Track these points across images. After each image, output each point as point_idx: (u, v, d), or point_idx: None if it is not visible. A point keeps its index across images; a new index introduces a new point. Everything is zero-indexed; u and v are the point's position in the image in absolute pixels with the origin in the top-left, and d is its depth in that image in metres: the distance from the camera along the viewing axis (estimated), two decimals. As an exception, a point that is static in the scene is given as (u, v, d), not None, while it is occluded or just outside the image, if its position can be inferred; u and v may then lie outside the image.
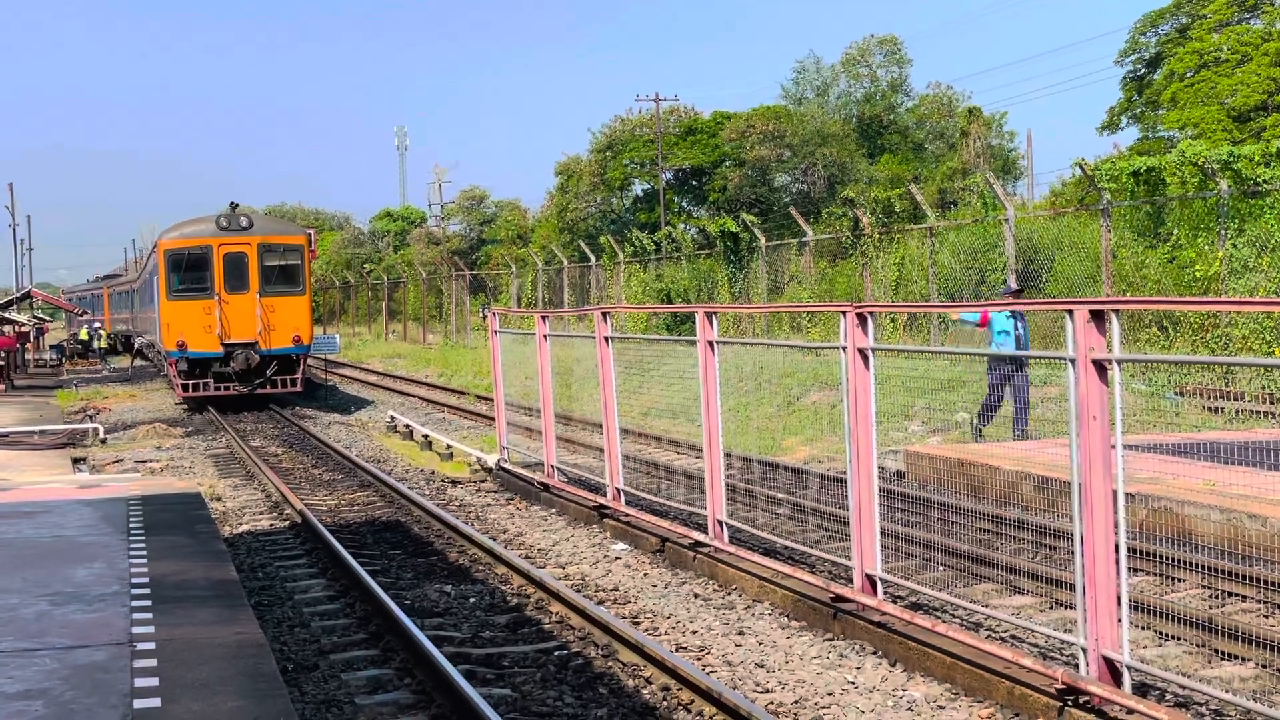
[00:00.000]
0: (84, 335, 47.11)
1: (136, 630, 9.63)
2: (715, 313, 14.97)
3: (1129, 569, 9.33)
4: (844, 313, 11.96)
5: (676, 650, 11.73)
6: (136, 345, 61.96)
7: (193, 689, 8.16)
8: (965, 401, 19.95)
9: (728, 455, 15.26)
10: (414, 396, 40.12)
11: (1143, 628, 11.14)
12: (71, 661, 8.85)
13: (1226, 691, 9.05)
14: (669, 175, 78.23)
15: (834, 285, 40.71)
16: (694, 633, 12.42)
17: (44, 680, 8.43)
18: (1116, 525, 9.16)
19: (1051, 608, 12.29)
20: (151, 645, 9.19)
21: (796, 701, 10.27)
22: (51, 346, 73.98)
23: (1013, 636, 11.43)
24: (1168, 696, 9.64)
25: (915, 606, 12.03)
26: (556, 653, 11.84)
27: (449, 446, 26.06)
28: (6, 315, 55.22)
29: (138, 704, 7.89)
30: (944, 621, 11.23)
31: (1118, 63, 69.61)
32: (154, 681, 8.33)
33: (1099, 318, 9.16)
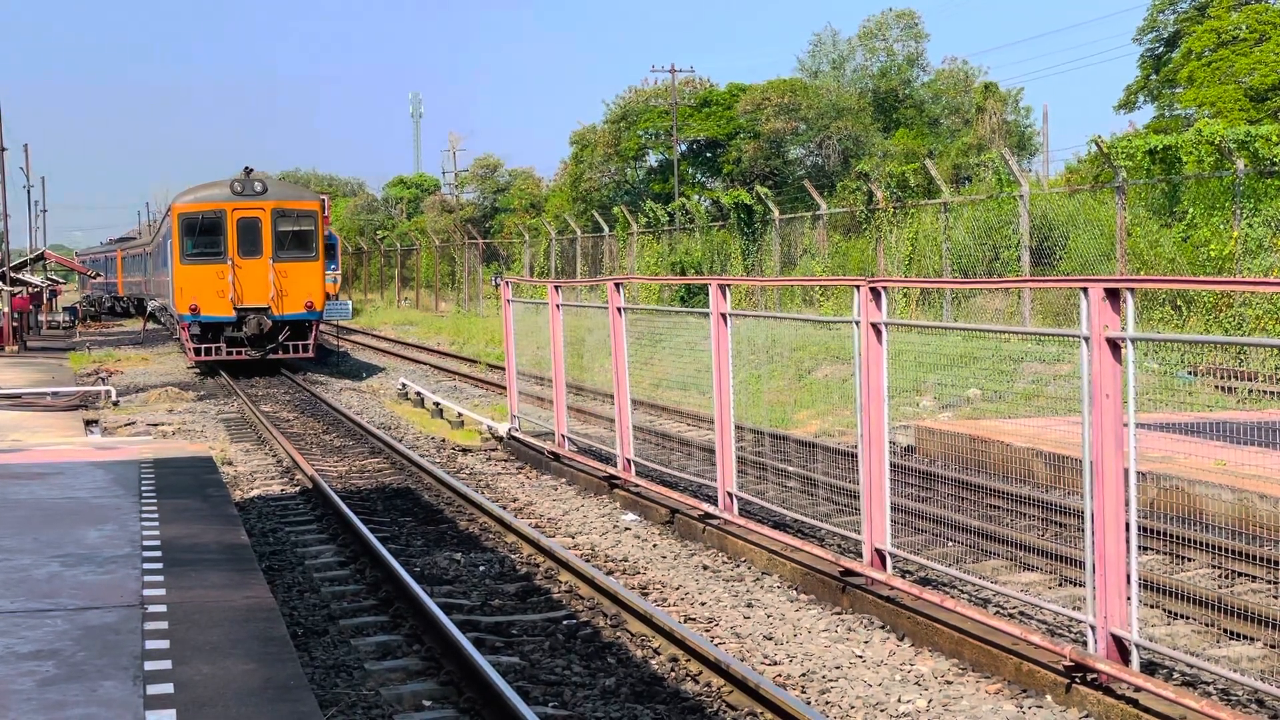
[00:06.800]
0: None
1: (148, 592, 9.67)
2: (728, 285, 14.96)
3: (1139, 547, 9.33)
4: (858, 287, 11.94)
5: (685, 621, 11.76)
6: (149, 309, 62.03)
7: (203, 651, 8.20)
8: (977, 378, 19.93)
9: (739, 428, 15.27)
10: (425, 364, 40.14)
11: (1151, 606, 11.14)
12: (83, 622, 8.89)
13: (1234, 671, 9.05)
14: (683, 146, 78.02)
15: (847, 259, 40.62)
16: (703, 604, 12.45)
17: (55, 640, 8.47)
18: (1127, 504, 9.15)
19: (1060, 585, 12.30)
20: (163, 608, 9.23)
21: (804, 674, 10.30)
22: (64, 308, 74.16)
23: (1021, 613, 11.44)
24: (1175, 675, 9.65)
25: (924, 582, 12.04)
26: (565, 622, 11.87)
27: (460, 414, 26.08)
28: (20, 276, 55.28)
29: (148, 665, 7.93)
30: (953, 597, 11.24)
31: (1136, 40, 69.31)
32: (164, 644, 8.36)
33: (1114, 296, 9.14)
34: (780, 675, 10.26)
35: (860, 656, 10.68)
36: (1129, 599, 9.14)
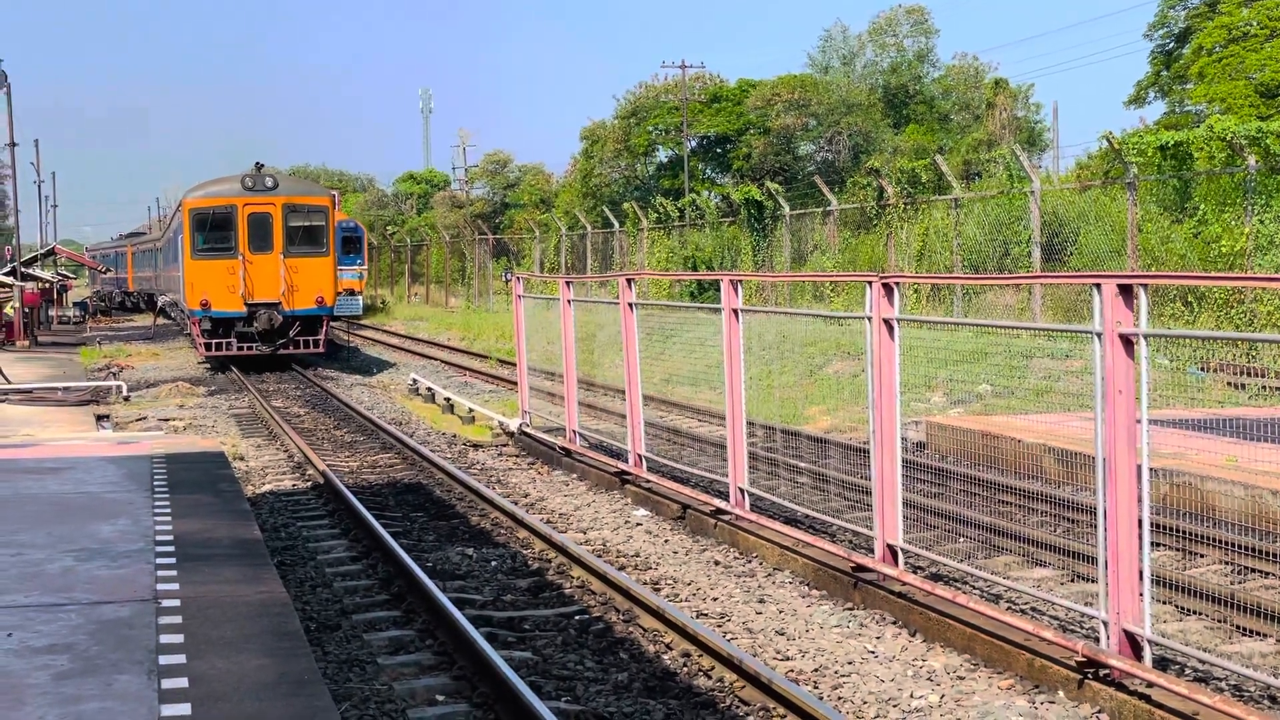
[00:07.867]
0: None
1: (161, 587, 9.68)
2: (740, 281, 14.96)
3: (1151, 543, 9.33)
4: (870, 283, 11.94)
5: (697, 617, 11.77)
6: (159, 304, 62.09)
7: (217, 646, 8.21)
8: (988, 374, 19.90)
9: (750, 423, 15.27)
10: (436, 359, 40.17)
11: (1164, 602, 11.13)
12: (97, 617, 8.91)
13: (1247, 667, 9.05)
14: (693, 142, 77.98)
15: (858, 255, 40.60)
16: (715, 600, 12.46)
17: (70, 635, 8.49)
18: (1140, 500, 9.15)
19: (1073, 580, 12.29)
20: (176, 602, 9.24)
21: (816, 669, 10.31)
22: (75, 303, 74.27)
23: (1033, 609, 11.44)
24: (1188, 671, 9.65)
25: (936, 577, 12.04)
26: (577, 617, 11.89)
27: (471, 410, 26.11)
28: (31, 271, 55.38)
29: (163, 660, 7.94)
30: (964, 593, 11.24)
31: (1146, 36, 69.15)
32: (179, 638, 8.37)
33: (1127, 292, 9.13)
34: (793, 671, 10.27)
35: (872, 652, 10.69)
36: (1141, 595, 9.15)
